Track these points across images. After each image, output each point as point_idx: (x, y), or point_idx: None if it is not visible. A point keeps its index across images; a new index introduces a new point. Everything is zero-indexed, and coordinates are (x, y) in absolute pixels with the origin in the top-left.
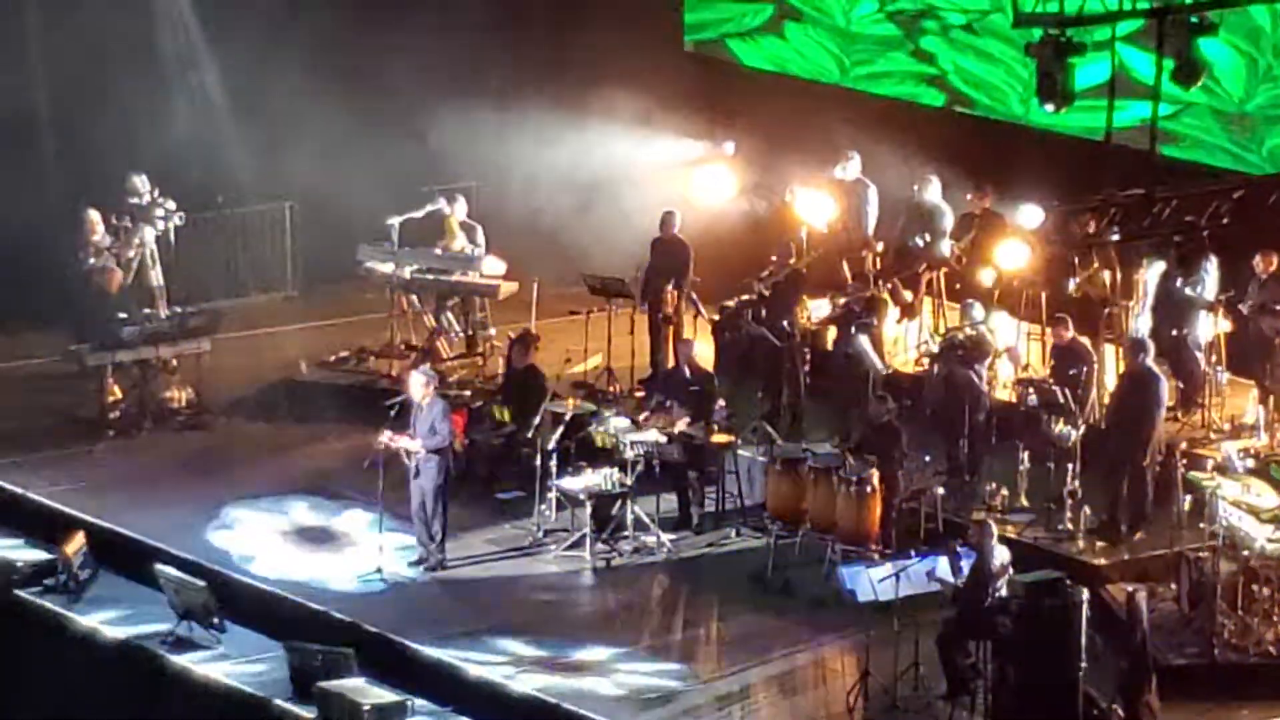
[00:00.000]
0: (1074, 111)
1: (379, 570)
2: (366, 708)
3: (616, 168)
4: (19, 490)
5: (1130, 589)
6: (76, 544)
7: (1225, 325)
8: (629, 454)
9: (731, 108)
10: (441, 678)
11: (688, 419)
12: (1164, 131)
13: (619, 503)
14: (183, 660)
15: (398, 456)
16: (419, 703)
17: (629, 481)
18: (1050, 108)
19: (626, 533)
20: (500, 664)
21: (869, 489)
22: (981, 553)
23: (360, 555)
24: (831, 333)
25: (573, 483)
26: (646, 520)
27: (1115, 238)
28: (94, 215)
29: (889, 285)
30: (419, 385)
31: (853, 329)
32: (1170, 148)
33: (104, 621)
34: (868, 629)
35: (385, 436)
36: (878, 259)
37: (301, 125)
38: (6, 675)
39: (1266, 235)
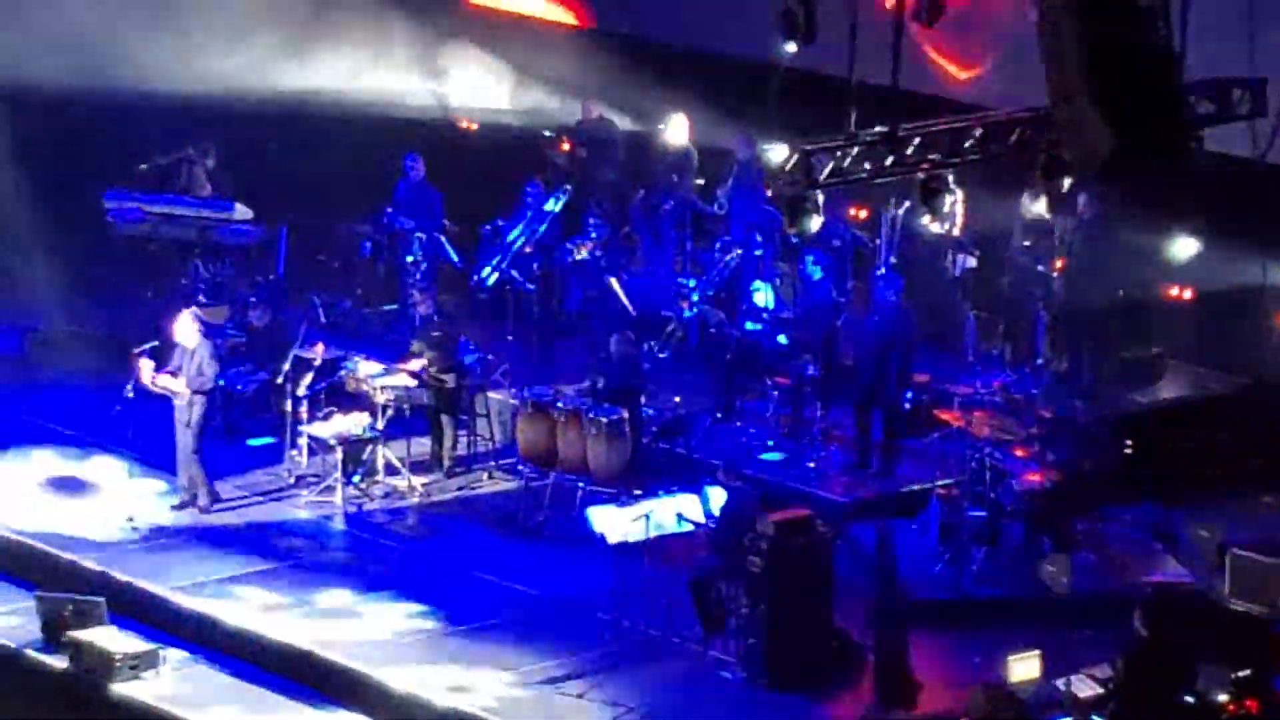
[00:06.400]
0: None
1: (130, 519)
2: (118, 657)
3: None
4: None
5: (880, 525)
6: None
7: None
8: (379, 399)
9: None
10: (194, 625)
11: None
12: None
13: (369, 447)
14: None
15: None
16: (171, 651)
17: (379, 426)
18: (792, 47)
19: (378, 477)
20: (252, 611)
21: (619, 430)
22: (733, 492)
23: (112, 503)
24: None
25: (322, 428)
26: (397, 464)
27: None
28: None
29: None
30: (188, 326)
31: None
32: None
33: None
34: (619, 570)
35: (149, 375)
36: None
37: None
38: None
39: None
